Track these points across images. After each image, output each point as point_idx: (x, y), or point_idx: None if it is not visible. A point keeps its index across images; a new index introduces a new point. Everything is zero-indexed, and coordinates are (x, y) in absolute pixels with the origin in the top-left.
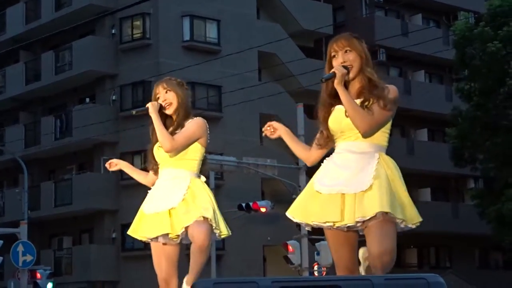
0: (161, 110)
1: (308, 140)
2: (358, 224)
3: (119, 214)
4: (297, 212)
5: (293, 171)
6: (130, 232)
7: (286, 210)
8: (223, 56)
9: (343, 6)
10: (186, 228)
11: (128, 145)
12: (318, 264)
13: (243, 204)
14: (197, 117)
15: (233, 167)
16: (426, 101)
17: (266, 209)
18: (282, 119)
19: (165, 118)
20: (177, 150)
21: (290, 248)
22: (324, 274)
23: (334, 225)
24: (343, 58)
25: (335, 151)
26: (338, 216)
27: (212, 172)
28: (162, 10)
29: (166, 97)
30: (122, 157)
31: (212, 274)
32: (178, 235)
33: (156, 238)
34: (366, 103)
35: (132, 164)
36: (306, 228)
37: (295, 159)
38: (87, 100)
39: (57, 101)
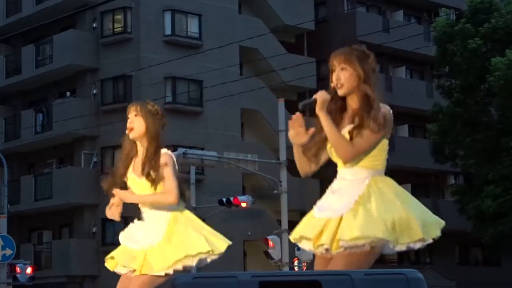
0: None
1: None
2: (326, 249)
3: (99, 209)
4: (293, 233)
5: (274, 166)
6: (107, 263)
7: (267, 205)
8: (205, 50)
9: (325, 2)
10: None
11: (109, 139)
12: (298, 259)
13: (224, 199)
14: (164, 152)
15: (214, 162)
16: (407, 97)
17: (246, 204)
18: (263, 114)
19: (132, 145)
20: (178, 197)
21: (271, 243)
22: (304, 269)
23: (313, 246)
24: (337, 75)
25: (336, 176)
26: (314, 234)
27: (192, 167)
28: (143, 4)
29: (132, 120)
30: (102, 151)
31: (192, 269)
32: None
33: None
34: (354, 132)
35: (113, 159)
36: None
37: (276, 154)
38: (68, 94)
39: (38, 95)
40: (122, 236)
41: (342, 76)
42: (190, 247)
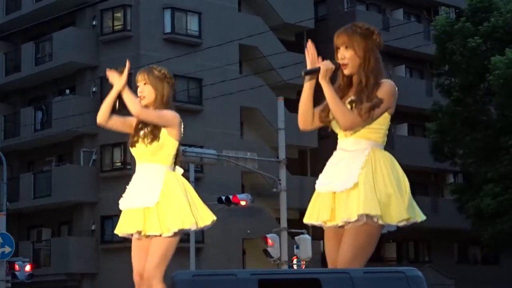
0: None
1: (288, 134)
2: (346, 225)
3: (98, 206)
4: (306, 214)
5: (273, 165)
6: (116, 230)
7: (266, 203)
8: (204, 48)
9: (325, 0)
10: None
11: (108, 137)
12: (297, 257)
13: (223, 197)
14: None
15: (213, 160)
16: (407, 96)
17: (246, 202)
18: (262, 112)
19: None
20: (143, 117)
21: (270, 241)
22: (303, 267)
23: (326, 223)
24: (341, 54)
25: (336, 148)
26: (328, 215)
27: (192, 165)
28: (143, 2)
29: (142, 89)
30: (102, 149)
31: (191, 267)
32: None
33: (132, 234)
34: (354, 103)
35: (112, 157)
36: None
37: (275, 152)
38: (67, 91)
39: (37, 93)
40: (121, 201)
41: (346, 55)
42: (184, 219)
